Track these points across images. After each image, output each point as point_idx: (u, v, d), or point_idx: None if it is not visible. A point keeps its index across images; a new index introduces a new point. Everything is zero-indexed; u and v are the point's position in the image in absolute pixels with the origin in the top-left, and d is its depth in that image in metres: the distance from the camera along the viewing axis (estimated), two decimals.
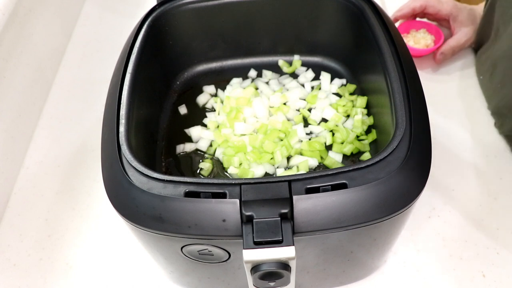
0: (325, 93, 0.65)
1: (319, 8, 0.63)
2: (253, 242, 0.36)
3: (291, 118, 0.64)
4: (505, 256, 0.56)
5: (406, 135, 0.42)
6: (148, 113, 0.58)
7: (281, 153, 0.58)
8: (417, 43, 0.77)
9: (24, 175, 0.67)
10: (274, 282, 0.40)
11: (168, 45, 0.64)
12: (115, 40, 0.73)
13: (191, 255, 0.42)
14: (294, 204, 0.37)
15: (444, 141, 0.67)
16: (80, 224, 0.62)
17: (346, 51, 0.66)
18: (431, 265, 0.56)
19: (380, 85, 0.51)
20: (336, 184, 0.39)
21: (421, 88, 0.47)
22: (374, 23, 0.53)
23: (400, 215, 0.40)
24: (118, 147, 0.43)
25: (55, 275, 0.57)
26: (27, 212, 0.63)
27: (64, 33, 0.87)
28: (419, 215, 0.59)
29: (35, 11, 0.75)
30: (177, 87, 0.68)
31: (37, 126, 0.74)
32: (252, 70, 0.70)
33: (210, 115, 0.65)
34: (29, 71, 0.73)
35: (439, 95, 0.73)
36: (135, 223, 0.39)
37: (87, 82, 0.80)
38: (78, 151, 0.70)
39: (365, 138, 0.60)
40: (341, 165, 0.59)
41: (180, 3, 0.61)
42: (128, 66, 0.51)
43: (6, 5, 0.62)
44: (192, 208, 0.38)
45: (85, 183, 0.66)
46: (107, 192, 0.42)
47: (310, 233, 0.38)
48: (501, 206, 0.60)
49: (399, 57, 0.49)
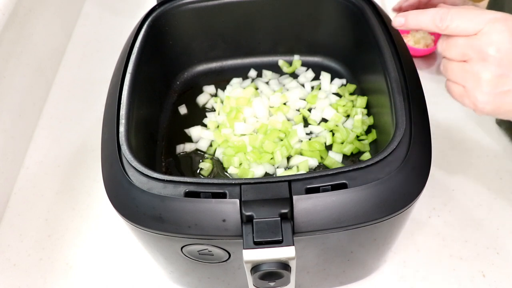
0: (325, 93, 0.65)
1: (319, 8, 0.63)
2: (253, 242, 0.36)
3: (291, 118, 0.64)
4: (505, 256, 0.56)
5: (406, 135, 0.42)
6: (148, 113, 0.58)
7: (281, 153, 0.58)
8: (417, 43, 0.77)
9: (24, 175, 0.67)
10: (274, 282, 0.40)
11: (168, 45, 0.64)
12: (115, 40, 0.73)
13: (191, 255, 0.42)
14: (294, 204, 0.37)
15: (444, 141, 0.67)
16: (80, 224, 0.62)
17: (346, 51, 0.66)
18: (431, 265, 0.56)
19: (380, 85, 0.51)
20: (336, 184, 0.39)
21: (421, 88, 0.47)
22: (374, 23, 0.53)
23: (400, 215, 0.40)
24: (118, 147, 0.43)
25: (55, 275, 0.57)
26: (27, 212, 0.63)
27: (64, 33, 0.87)
28: (419, 215, 0.59)
29: (35, 11, 0.75)
30: (177, 87, 0.68)
31: (37, 126, 0.74)
32: (252, 70, 0.70)
33: (210, 115, 0.65)
34: (29, 71, 0.73)
35: (439, 95, 0.73)
36: (135, 223, 0.39)
37: (87, 82, 0.80)
38: (78, 151, 0.70)
39: (365, 138, 0.60)
40: (341, 165, 0.59)
41: (180, 3, 0.61)
42: (128, 66, 0.51)
43: (6, 5, 0.62)
44: (192, 208, 0.38)
45: (85, 183, 0.66)
46: (107, 192, 0.42)
47: (310, 233, 0.38)
48: (501, 206, 0.60)
49: (399, 57, 0.49)
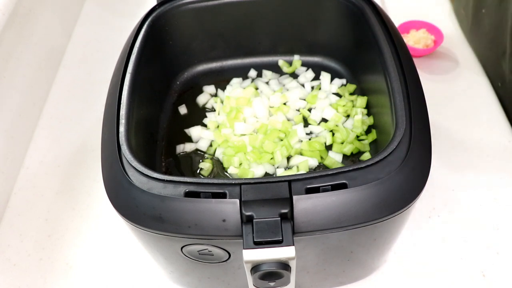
0: (325, 93, 0.65)
1: (319, 8, 0.63)
2: (253, 242, 0.36)
3: (291, 118, 0.64)
4: (505, 256, 0.56)
5: (406, 135, 0.42)
6: (148, 113, 0.58)
7: (281, 153, 0.58)
8: (417, 43, 0.77)
9: (24, 175, 0.67)
10: (274, 282, 0.40)
11: (168, 45, 0.64)
12: (115, 40, 0.73)
13: (191, 255, 0.42)
14: (294, 204, 0.37)
15: (444, 141, 0.67)
16: (80, 224, 0.62)
17: (346, 51, 0.66)
18: (431, 265, 0.56)
19: (380, 85, 0.51)
20: (336, 184, 0.39)
21: (421, 88, 0.47)
22: (374, 23, 0.53)
23: (400, 215, 0.40)
24: (118, 147, 0.43)
25: (55, 275, 0.57)
26: (27, 212, 0.63)
27: (64, 33, 0.87)
28: (419, 215, 0.59)
29: (35, 11, 0.75)
30: (177, 87, 0.68)
31: (37, 126, 0.74)
32: (252, 70, 0.70)
33: (210, 115, 0.65)
34: (29, 71, 0.73)
35: (439, 95, 0.73)
36: (135, 223, 0.39)
37: (87, 82, 0.80)
38: (78, 151, 0.70)
39: (365, 138, 0.60)
40: (341, 165, 0.59)
41: (180, 3, 0.61)
42: (128, 66, 0.51)
43: (6, 5, 0.62)
44: (192, 208, 0.38)
45: (85, 183, 0.66)
46: (107, 192, 0.42)
47: (310, 233, 0.38)
48: (501, 206, 0.60)
49: (399, 57, 0.49)
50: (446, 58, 0.78)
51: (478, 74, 0.76)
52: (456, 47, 0.80)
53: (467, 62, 0.78)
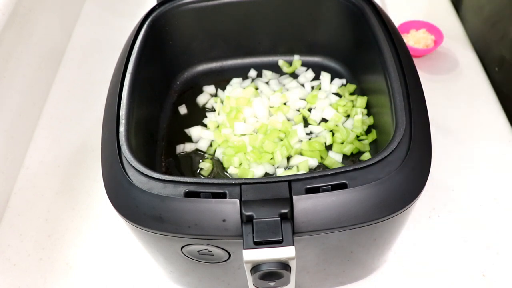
0: (325, 93, 0.65)
1: (319, 8, 0.63)
2: (253, 242, 0.36)
3: (291, 118, 0.64)
4: (505, 256, 0.56)
5: (406, 135, 0.42)
6: (148, 113, 0.58)
7: (281, 153, 0.58)
8: (417, 43, 0.77)
9: (24, 175, 0.67)
10: (274, 282, 0.40)
11: (168, 45, 0.64)
12: (115, 40, 0.73)
13: (191, 255, 0.42)
14: (294, 204, 0.37)
15: (444, 141, 0.67)
16: (80, 224, 0.62)
17: (346, 51, 0.66)
18: (431, 265, 0.56)
19: (380, 85, 0.51)
20: (336, 184, 0.39)
21: (421, 88, 0.47)
22: (374, 23, 0.53)
23: (400, 215, 0.40)
24: (118, 147, 0.43)
25: (55, 275, 0.57)
26: (27, 212, 0.63)
27: (64, 33, 0.87)
28: (419, 215, 0.59)
29: (35, 11, 0.75)
30: (177, 87, 0.68)
31: (37, 126, 0.74)
32: (252, 70, 0.70)
33: (210, 115, 0.65)
34: (29, 71, 0.73)
35: (439, 95, 0.73)
36: (135, 223, 0.39)
37: (87, 82, 0.80)
38: (78, 151, 0.70)
39: (365, 138, 0.60)
40: (341, 165, 0.59)
41: (180, 3, 0.61)
42: (128, 66, 0.51)
43: (6, 5, 0.62)
44: (192, 208, 0.38)
45: (85, 183, 0.66)
46: (107, 192, 0.42)
47: (310, 233, 0.38)
48: (501, 206, 0.60)
49: (399, 57, 0.49)
50: (446, 58, 0.78)
51: (478, 74, 0.76)
52: (456, 47, 0.80)
53: (467, 62, 0.78)
